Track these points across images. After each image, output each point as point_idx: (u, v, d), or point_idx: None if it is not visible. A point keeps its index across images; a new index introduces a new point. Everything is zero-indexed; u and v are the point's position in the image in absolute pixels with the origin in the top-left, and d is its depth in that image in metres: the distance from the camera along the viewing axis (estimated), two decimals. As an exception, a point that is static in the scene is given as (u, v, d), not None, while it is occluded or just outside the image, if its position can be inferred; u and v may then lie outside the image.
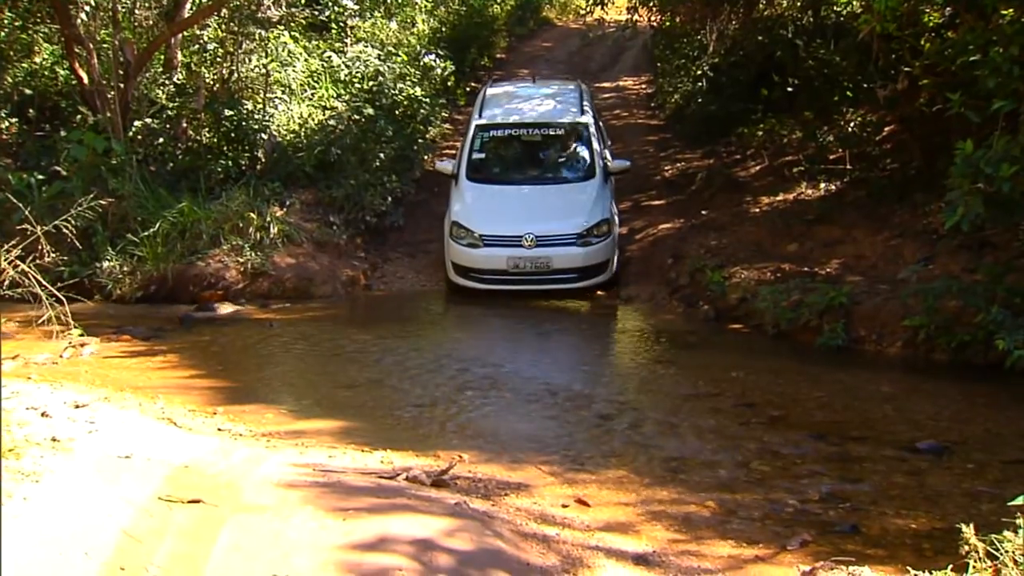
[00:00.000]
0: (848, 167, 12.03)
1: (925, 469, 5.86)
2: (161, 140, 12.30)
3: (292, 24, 13.87)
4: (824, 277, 9.66)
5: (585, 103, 11.83)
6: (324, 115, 13.47)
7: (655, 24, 17.64)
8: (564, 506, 5.15)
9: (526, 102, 12.28)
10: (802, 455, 6.08)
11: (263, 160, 12.48)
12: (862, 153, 12.22)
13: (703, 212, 12.44)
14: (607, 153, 11.69)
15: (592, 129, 11.40)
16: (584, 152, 11.32)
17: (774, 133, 14.01)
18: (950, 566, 3.95)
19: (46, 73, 13.45)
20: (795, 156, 12.97)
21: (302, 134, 13.07)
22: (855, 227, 10.60)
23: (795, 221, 11.24)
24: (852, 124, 12.90)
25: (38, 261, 6.26)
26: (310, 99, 13.87)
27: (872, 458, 6.03)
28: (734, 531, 4.92)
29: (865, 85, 11.64)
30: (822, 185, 11.98)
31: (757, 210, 12.00)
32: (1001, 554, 3.84)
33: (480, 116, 11.66)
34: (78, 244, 8.16)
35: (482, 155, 11.33)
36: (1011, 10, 8.09)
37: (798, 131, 13.59)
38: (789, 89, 13.70)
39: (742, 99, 14.78)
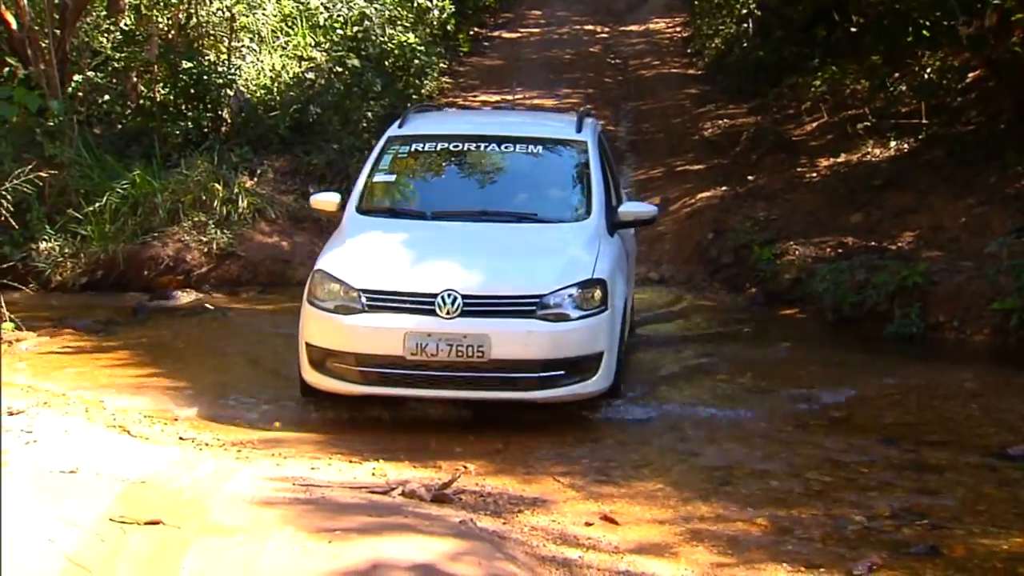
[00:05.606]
0: (924, 121, 11.97)
1: (1019, 479, 5.85)
2: (107, 98, 12.32)
3: (261, -42, 13.87)
4: (895, 253, 9.65)
5: (587, 126, 8.11)
6: (300, 67, 13.47)
7: (692, -46, 17.63)
8: (588, 524, 5.15)
9: (484, 117, 10.48)
10: (870, 463, 6.07)
11: (229, 121, 12.49)
12: (941, 104, 12.16)
13: (749, 178, 12.40)
14: (616, 192, 8.36)
15: (594, 152, 7.87)
16: (576, 183, 7.77)
17: (834, 83, 13.96)
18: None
19: (-33, 19, 13.48)
20: (860, 110, 12.91)
21: (275, 90, 13.06)
22: (932, 193, 10.56)
23: (859, 187, 11.20)
24: (929, 70, 12.83)
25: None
26: (284, 48, 13.87)
27: (954, 466, 6.01)
28: (790, 553, 4.92)
29: (945, 23, 11.57)
30: (892, 143, 11.94)
31: (814, 174, 11.94)
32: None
33: (400, 127, 8.21)
34: (11, 221, 8.19)
35: (390, 178, 7.98)
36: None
37: (863, 80, 13.53)
38: (853, 29, 13.62)
39: (796, 42, 14.73)
